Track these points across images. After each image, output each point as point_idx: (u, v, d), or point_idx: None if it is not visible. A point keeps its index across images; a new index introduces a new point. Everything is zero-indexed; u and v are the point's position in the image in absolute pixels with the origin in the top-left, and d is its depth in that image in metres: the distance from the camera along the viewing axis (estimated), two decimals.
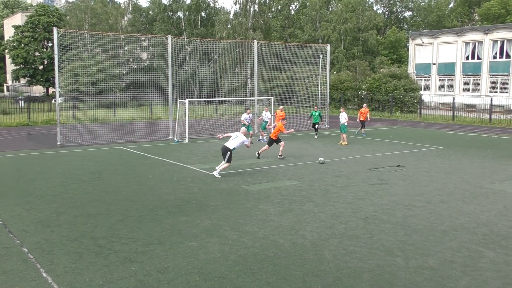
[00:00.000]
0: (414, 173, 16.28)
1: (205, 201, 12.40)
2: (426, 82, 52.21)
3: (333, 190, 13.66)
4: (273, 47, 40.85)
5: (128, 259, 8.29)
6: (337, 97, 47.93)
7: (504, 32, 45.92)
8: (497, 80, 46.58)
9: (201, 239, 9.38)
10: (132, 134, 27.00)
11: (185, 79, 49.38)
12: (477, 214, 11.18)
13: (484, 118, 36.54)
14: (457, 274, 7.73)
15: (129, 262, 8.18)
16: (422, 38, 52.69)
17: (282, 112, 25.45)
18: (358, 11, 64.63)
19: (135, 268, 7.90)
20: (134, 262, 8.18)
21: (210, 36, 62.85)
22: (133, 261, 8.23)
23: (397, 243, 9.15)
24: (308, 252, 8.65)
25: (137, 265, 8.05)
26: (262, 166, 17.48)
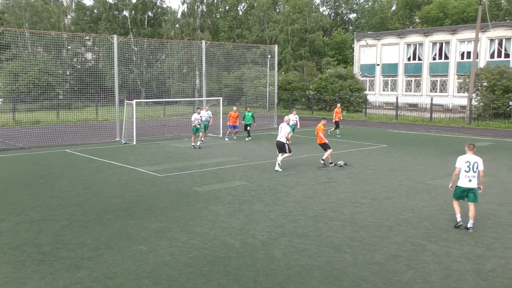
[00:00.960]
0: (360, 171, 16.71)
1: (154, 203, 12.21)
2: (371, 82, 53.75)
3: (282, 189, 13.80)
4: (221, 47, 40.82)
5: (75, 266, 8.04)
6: (285, 97, 48.47)
7: (443, 34, 48.00)
8: (437, 81, 48.62)
9: (151, 242, 9.23)
10: (77, 137, 26.19)
11: (132, 80, 48.43)
12: (420, 209, 11.63)
13: (425, 117, 38.01)
14: (402, 268, 8.00)
15: (75, 268, 7.93)
16: (367, 39, 54.21)
17: (236, 113, 25.69)
18: (305, 12, 65.63)
19: (82, 275, 7.67)
20: (81, 268, 7.94)
21: (157, 36, 61.94)
22: (79, 267, 7.98)
23: (345, 240, 9.36)
24: (258, 252, 8.70)
25: (84, 271, 7.82)
26: (212, 167, 17.42)
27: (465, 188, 10.12)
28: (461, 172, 10.14)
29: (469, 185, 10.08)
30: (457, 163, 10.22)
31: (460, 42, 46.70)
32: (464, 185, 10.13)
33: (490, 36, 43.98)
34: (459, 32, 46.59)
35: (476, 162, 10.06)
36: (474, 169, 10.02)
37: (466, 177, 10.09)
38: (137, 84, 49.46)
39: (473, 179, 10.05)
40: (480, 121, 34.30)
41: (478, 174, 10.11)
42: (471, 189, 10.09)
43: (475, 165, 10.04)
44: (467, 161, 10.09)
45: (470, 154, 10.18)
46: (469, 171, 10.04)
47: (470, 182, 10.07)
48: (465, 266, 8.08)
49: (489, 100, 34.45)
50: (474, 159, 10.08)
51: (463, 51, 46.63)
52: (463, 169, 10.09)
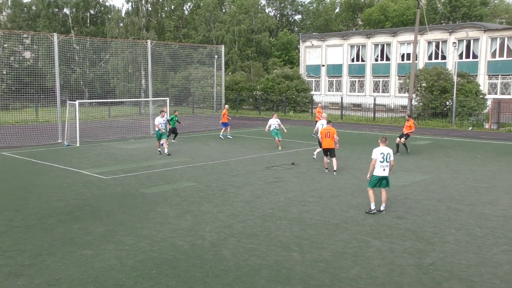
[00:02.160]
0: (307, 170, 16.97)
1: (100, 206, 11.89)
2: (317, 83, 54.75)
3: (231, 189, 13.80)
4: (167, 47, 40.31)
5: (14, 273, 7.70)
6: (233, 97, 48.51)
7: (384, 36, 49.61)
8: (379, 81, 50.19)
9: (96, 246, 8.99)
10: (15, 139, 25.06)
11: (75, 80, 46.91)
12: (365, 206, 11.95)
13: (369, 116, 39.14)
14: (349, 264, 8.20)
15: (15, 276, 7.59)
16: (312, 40, 55.16)
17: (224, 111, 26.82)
18: (251, 13, 65.95)
19: (22, 283, 7.35)
20: (21, 276, 7.61)
21: (100, 35, 60.30)
22: (19, 275, 7.65)
23: (293, 239, 9.48)
24: (207, 253, 8.66)
25: (24, 278, 7.50)
26: (159, 168, 17.17)
27: (381, 177, 11.34)
28: (376, 162, 11.29)
29: (383, 174, 11.34)
30: (373, 155, 11.38)
31: (400, 44, 48.43)
32: (379, 174, 11.33)
33: (428, 38, 45.89)
34: (399, 35, 48.32)
35: (388, 153, 11.33)
36: (387, 159, 11.27)
37: (381, 166, 11.30)
38: (80, 84, 47.97)
39: (386, 168, 11.31)
40: (420, 120, 35.69)
41: (390, 164, 11.37)
42: (384, 177, 11.37)
43: (388, 155, 11.29)
44: (381, 153, 11.29)
45: (383, 146, 11.41)
46: (383, 161, 11.27)
47: (384, 171, 11.32)
48: (407, 260, 8.39)
49: (428, 100, 35.91)
50: (387, 151, 11.33)
51: (403, 53, 48.37)
52: (378, 159, 11.26)
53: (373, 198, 11.39)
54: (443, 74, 36.22)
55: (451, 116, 33.94)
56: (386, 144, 11.50)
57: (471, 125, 32.30)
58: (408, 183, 14.79)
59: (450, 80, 35.38)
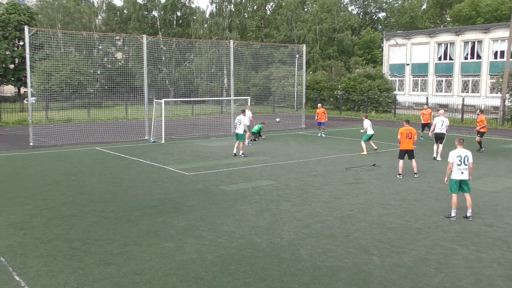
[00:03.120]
0: (388, 172, 16.49)
1: (182, 201, 12.33)
2: (400, 82, 52.96)
3: (309, 189, 13.74)
4: (249, 47, 40.87)
5: (104, 261, 8.19)
6: (313, 97, 48.21)
7: (475, 33, 46.92)
8: (468, 81, 47.58)
9: (178, 239, 9.33)
10: (107, 135, 26.65)
11: (161, 79, 48.99)
12: (450, 212, 11.39)
13: (456, 117, 37.25)
14: (431, 271, 7.86)
15: (104, 264, 8.08)
16: (396, 39, 53.43)
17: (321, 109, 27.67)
18: (333, 11, 65.14)
19: (111, 270, 7.80)
20: (110, 264, 8.08)
21: (186, 36, 62.46)
22: (108, 263, 8.12)
23: (372, 242, 9.26)
24: (285, 252, 8.69)
25: (113, 267, 7.95)
26: (239, 166, 17.47)
27: (459, 180, 10.80)
28: (454, 165, 10.81)
29: (461, 177, 10.78)
30: (450, 158, 10.90)
31: (493, 41, 45.56)
32: (457, 177, 10.80)
33: None
34: (492, 31, 45.45)
35: (466, 155, 10.80)
36: (465, 162, 10.75)
37: (459, 169, 10.78)
38: (166, 83, 49.99)
39: (465, 171, 10.76)
40: None
41: (469, 167, 10.81)
42: (463, 181, 10.81)
43: (465, 158, 10.77)
44: (458, 155, 10.81)
45: (460, 149, 10.95)
46: (460, 164, 10.76)
47: (462, 174, 10.77)
48: (496, 271, 7.89)
49: None
50: (465, 153, 10.82)
51: (496, 50, 45.46)
52: (455, 163, 10.79)
53: (455, 205, 10.87)
54: None
55: None
56: (464, 146, 11.07)
57: None
58: (499, 189, 13.91)
59: None
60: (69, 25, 62.13)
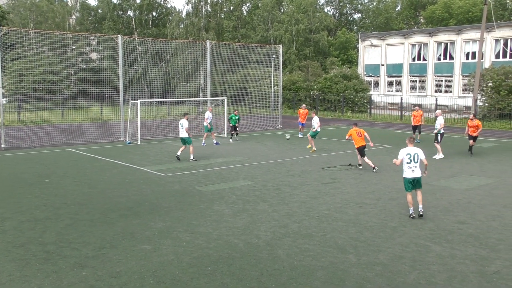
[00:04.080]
0: (365, 171, 16.67)
1: (158, 203, 12.23)
2: (375, 83, 53.61)
3: (286, 189, 13.79)
4: (226, 47, 40.81)
5: (79, 264, 8.07)
6: (290, 97, 48.43)
7: (447, 34, 47.81)
8: (441, 81, 48.45)
9: (155, 241, 9.25)
10: (81, 136, 26.27)
11: (137, 79, 48.52)
12: (425, 210, 11.55)
13: (430, 117, 37.88)
14: (406, 269, 7.98)
15: (79, 267, 7.96)
16: (371, 39, 54.07)
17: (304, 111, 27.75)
18: (309, 12, 65.55)
19: (86, 273, 7.69)
20: (85, 267, 7.97)
21: (162, 36, 62.01)
22: (84, 266, 8.01)
23: (349, 241, 9.34)
24: (262, 252, 8.70)
25: (88, 270, 7.84)
26: (216, 167, 17.43)
27: (411, 179, 10.92)
28: (404, 164, 10.98)
29: (413, 175, 10.93)
30: (399, 156, 11.11)
31: (465, 42, 46.51)
32: (409, 175, 10.95)
33: (495, 36, 43.77)
34: (464, 32, 46.40)
35: (416, 153, 10.95)
36: (415, 160, 10.89)
37: (409, 168, 10.94)
38: (142, 83, 49.53)
39: (416, 169, 10.91)
40: (485, 121, 34.14)
41: (421, 164, 11.00)
42: (415, 178, 10.94)
43: (415, 156, 10.91)
44: (408, 153, 10.96)
45: (410, 147, 11.08)
46: (410, 162, 10.90)
47: (413, 172, 10.92)
48: (469, 267, 8.05)
49: (494, 101, 34.29)
50: (414, 151, 10.97)
51: (468, 51, 46.42)
52: (405, 161, 10.96)
53: (411, 203, 11.03)
54: (511, 73, 34.45)
55: None
56: (414, 144, 11.23)
57: None
58: (471, 187, 14.20)
59: None
60: (42, 24, 60.99)
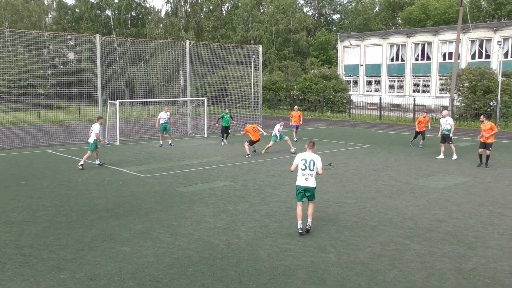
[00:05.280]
0: (344, 171, 16.79)
1: (138, 204, 12.12)
2: (355, 83, 54.08)
3: (267, 189, 13.81)
4: (205, 47, 40.69)
5: (57, 267, 7.94)
6: (270, 97, 48.52)
7: (425, 35, 48.51)
8: (419, 81, 49.13)
9: (134, 243, 9.16)
10: (59, 137, 25.87)
11: (115, 80, 48.02)
12: (403, 209, 11.73)
13: (408, 117, 38.37)
14: (386, 267, 8.06)
15: (57, 270, 7.83)
16: (350, 40, 54.53)
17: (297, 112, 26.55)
18: (289, 12, 65.80)
19: (64, 276, 7.57)
20: (63, 270, 7.84)
21: (141, 36, 61.51)
22: (62, 269, 7.88)
23: (329, 240, 9.40)
24: (243, 252, 8.69)
25: (66, 273, 7.72)
26: (196, 167, 17.35)
27: (303, 187, 9.66)
28: (298, 170, 9.75)
29: (305, 184, 9.65)
30: (294, 160, 9.86)
31: (442, 43, 47.25)
32: (301, 183, 9.69)
33: (471, 37, 44.59)
34: (441, 33, 47.14)
35: (312, 160, 9.64)
36: (310, 167, 9.60)
37: (303, 175, 9.65)
38: (121, 84, 49.07)
39: (310, 178, 9.62)
40: (462, 121, 34.73)
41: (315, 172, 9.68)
42: (308, 188, 9.66)
43: (311, 163, 9.61)
44: (303, 159, 9.67)
45: (308, 152, 9.76)
46: (305, 169, 9.62)
47: (307, 181, 9.65)
48: (447, 265, 8.17)
49: (471, 101, 34.91)
50: (311, 157, 9.67)
51: (445, 52, 47.17)
52: (300, 167, 9.69)
53: (300, 216, 9.68)
54: (487, 73, 35.12)
55: (495, 117, 32.83)
56: (314, 150, 9.87)
57: None
58: (448, 186, 14.41)
59: (495, 80, 34.26)
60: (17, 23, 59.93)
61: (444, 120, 19.66)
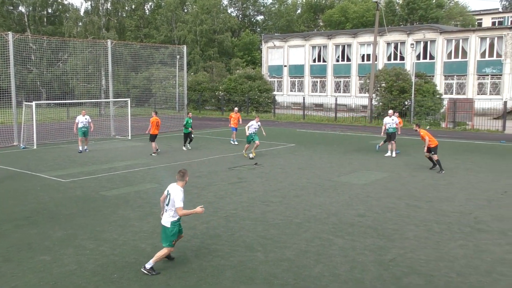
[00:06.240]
0: (270, 170, 17.05)
1: (58, 210, 11.59)
2: (279, 83, 55.08)
3: (194, 191, 13.71)
4: (128, 47, 39.64)
5: None
6: (195, 98, 48.22)
7: (345, 37, 50.42)
8: (340, 82, 50.95)
9: (55, 251, 8.75)
10: None
11: (31, 80, 45.50)
12: (327, 205, 12.11)
13: (330, 116, 39.67)
14: (311, 263, 8.29)
15: None
16: (274, 41, 55.47)
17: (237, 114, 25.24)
18: (213, 13, 65.73)
19: None
20: None
21: (58, 34, 58.75)
22: None
23: (257, 238, 9.50)
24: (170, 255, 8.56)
25: None
26: (120, 170, 16.88)
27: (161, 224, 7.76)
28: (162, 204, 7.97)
29: (162, 220, 7.79)
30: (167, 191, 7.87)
31: (361, 45, 49.33)
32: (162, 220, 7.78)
33: (387, 40, 46.93)
34: (359, 36, 49.21)
35: (170, 194, 7.67)
36: (168, 202, 7.68)
37: (163, 208, 7.86)
38: (37, 84, 46.56)
39: (166, 213, 7.72)
40: (380, 119, 36.40)
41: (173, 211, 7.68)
42: (162, 225, 7.75)
43: (169, 197, 7.66)
44: (167, 190, 7.81)
45: (173, 184, 7.88)
46: (167, 204, 7.71)
47: (162, 216, 7.83)
48: (368, 257, 8.54)
49: (387, 100, 36.67)
50: (172, 190, 7.71)
51: (363, 54, 49.30)
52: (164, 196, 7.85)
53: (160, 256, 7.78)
54: (401, 74, 37.08)
55: (409, 115, 34.79)
56: (185, 181, 7.92)
57: (428, 124, 33.18)
58: (369, 182, 15.07)
59: (409, 80, 36.27)
60: None
61: (390, 119, 20.50)
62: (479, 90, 42.78)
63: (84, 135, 21.46)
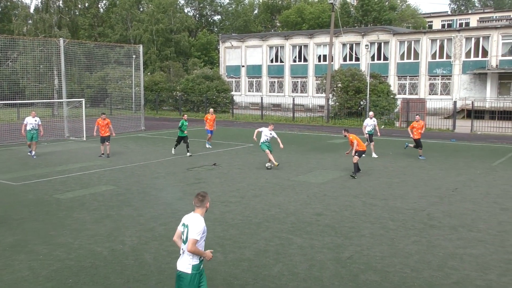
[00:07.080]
0: (228, 170, 17.03)
1: (8, 215, 11.16)
2: (237, 83, 55.11)
3: (152, 192, 13.53)
4: (82, 46, 38.67)
5: None
6: (152, 98, 47.57)
7: (301, 38, 50.99)
8: (297, 82, 51.49)
9: (5, 257, 8.43)
10: None
11: None
12: (286, 204, 12.21)
13: (288, 116, 40.01)
14: (271, 262, 8.33)
15: None
16: (231, 41, 55.45)
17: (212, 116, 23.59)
18: (170, 12, 65.03)
19: None
20: None
21: (7, 32, 56.61)
22: None
23: (216, 239, 9.47)
24: (128, 258, 8.43)
25: None
26: (75, 173, 16.43)
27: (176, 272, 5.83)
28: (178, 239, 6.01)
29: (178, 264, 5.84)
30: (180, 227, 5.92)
31: (317, 46, 50.02)
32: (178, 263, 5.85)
33: (342, 41, 47.78)
34: (316, 36, 49.89)
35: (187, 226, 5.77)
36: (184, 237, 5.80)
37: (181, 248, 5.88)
38: None
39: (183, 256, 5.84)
40: (336, 119, 37.04)
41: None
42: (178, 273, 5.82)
43: (186, 231, 5.76)
44: (183, 224, 5.89)
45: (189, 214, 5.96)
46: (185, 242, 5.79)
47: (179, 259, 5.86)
48: (326, 255, 8.67)
49: (344, 100, 37.37)
50: (189, 221, 5.82)
51: (320, 54, 50.01)
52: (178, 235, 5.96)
53: None
54: (357, 75, 37.85)
55: (365, 115, 35.56)
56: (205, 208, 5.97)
57: (383, 124, 34.01)
58: (326, 181, 15.30)
59: (364, 80, 37.05)
60: None
61: (371, 121, 20.95)
62: (430, 91, 44.26)
63: (32, 139, 19.83)
